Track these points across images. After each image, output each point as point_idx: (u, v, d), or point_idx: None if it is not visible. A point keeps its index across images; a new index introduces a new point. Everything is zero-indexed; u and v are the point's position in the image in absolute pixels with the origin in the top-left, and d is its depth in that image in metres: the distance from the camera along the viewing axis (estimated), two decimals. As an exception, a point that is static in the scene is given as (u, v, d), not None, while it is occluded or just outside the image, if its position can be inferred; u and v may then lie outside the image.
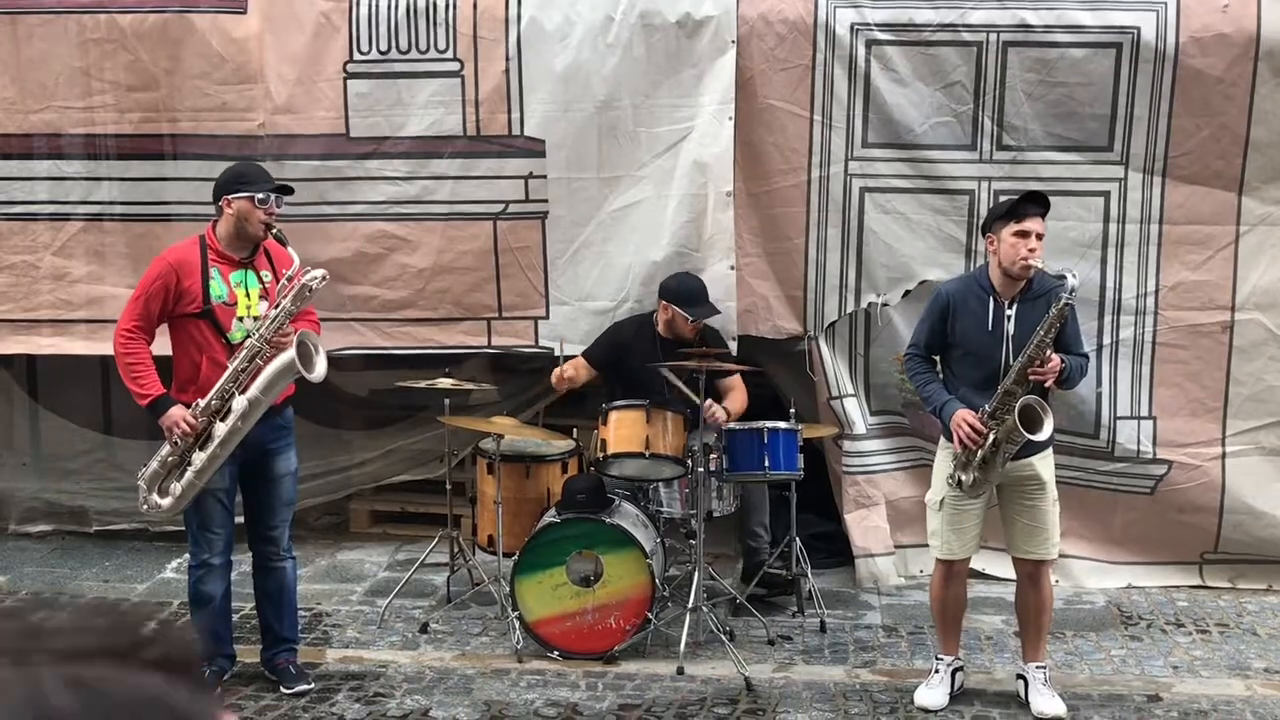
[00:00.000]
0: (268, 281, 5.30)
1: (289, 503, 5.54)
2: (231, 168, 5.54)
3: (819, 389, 6.80)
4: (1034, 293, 5.20)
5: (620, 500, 6.13)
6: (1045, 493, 5.28)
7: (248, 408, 5.12)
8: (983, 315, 5.17)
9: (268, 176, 5.39)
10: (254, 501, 5.51)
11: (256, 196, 5.20)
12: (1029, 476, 5.25)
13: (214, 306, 5.21)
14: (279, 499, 5.48)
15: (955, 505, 5.30)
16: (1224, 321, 6.59)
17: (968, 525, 5.34)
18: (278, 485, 5.46)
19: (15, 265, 6.92)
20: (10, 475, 7.65)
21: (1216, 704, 5.44)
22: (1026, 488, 5.27)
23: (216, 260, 5.26)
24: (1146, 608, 6.56)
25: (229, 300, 5.24)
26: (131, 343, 5.22)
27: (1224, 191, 6.51)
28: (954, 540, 5.34)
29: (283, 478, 5.47)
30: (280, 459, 5.44)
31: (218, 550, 5.42)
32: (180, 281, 5.21)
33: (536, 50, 6.59)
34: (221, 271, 5.25)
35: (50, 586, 6.81)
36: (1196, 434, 6.65)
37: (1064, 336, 5.17)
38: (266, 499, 5.48)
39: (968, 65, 6.49)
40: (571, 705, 5.44)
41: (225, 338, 5.21)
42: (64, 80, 6.74)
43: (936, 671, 5.47)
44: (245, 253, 5.28)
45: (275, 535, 5.51)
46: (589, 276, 6.79)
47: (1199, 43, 6.33)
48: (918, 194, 6.62)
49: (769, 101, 6.57)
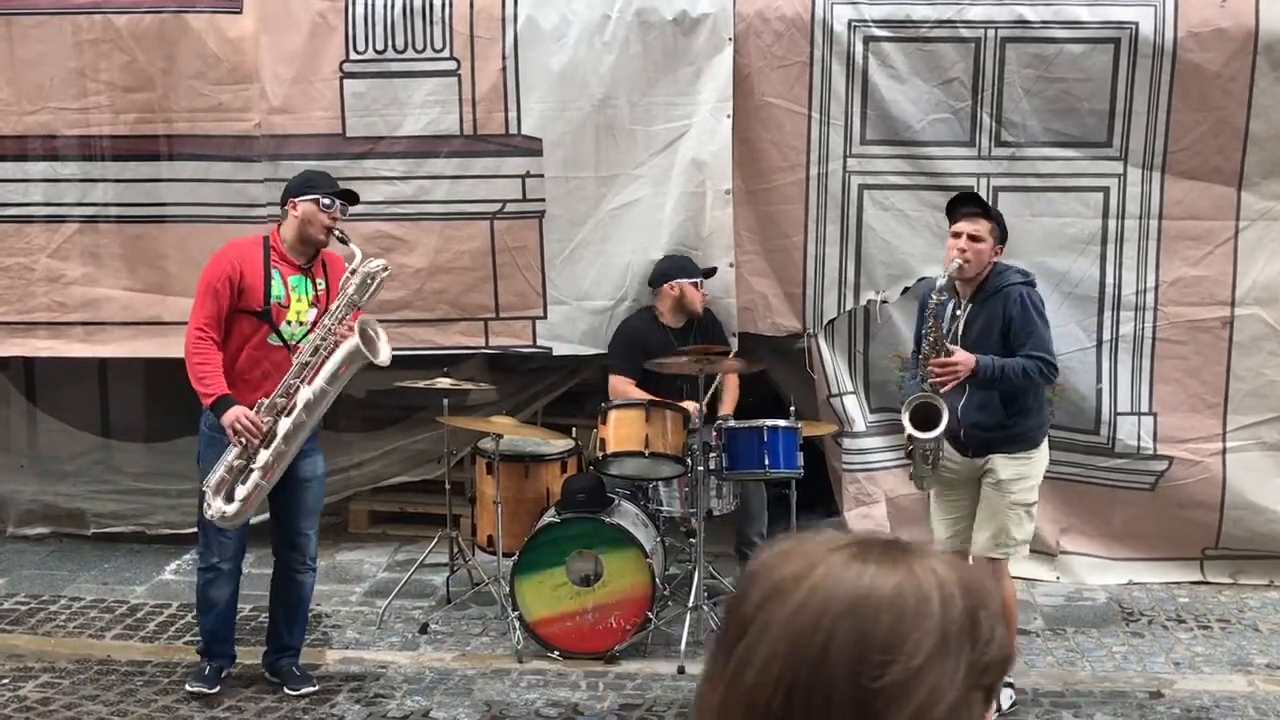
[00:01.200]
0: (320, 290, 5.31)
1: (315, 509, 5.51)
2: (302, 172, 5.58)
3: (818, 386, 6.79)
4: (986, 292, 5.17)
5: (620, 499, 6.11)
6: (1001, 490, 5.19)
7: (313, 399, 5.12)
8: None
9: (335, 183, 5.41)
10: (281, 505, 5.47)
11: (322, 201, 5.23)
12: (986, 473, 5.23)
13: (272, 307, 5.23)
14: (305, 504, 5.45)
15: (938, 496, 5.41)
16: (1224, 317, 6.58)
17: (952, 516, 5.36)
18: (304, 489, 5.43)
19: (10, 268, 6.89)
20: (8, 478, 7.62)
21: (1219, 700, 5.43)
22: (985, 483, 5.24)
23: (279, 262, 5.28)
24: (1148, 604, 6.55)
25: (284, 303, 5.26)
26: (201, 343, 5.22)
27: (1223, 186, 6.50)
28: (941, 529, 5.41)
29: (308, 481, 5.43)
30: (306, 462, 5.40)
31: (228, 555, 5.40)
32: (244, 277, 5.24)
33: (533, 49, 6.57)
34: (282, 273, 5.27)
35: (48, 589, 6.78)
36: (1197, 429, 6.64)
37: (1014, 335, 5.10)
38: (293, 503, 5.44)
39: (966, 61, 6.47)
40: (572, 705, 5.42)
41: (280, 338, 5.23)
42: (59, 81, 6.72)
43: None
44: (306, 258, 5.29)
45: (302, 542, 5.48)
46: (587, 276, 6.78)
47: (1197, 37, 6.32)
48: (916, 191, 6.60)
49: (766, 99, 6.56)
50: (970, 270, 5.10)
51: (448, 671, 5.76)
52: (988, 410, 5.15)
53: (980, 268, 5.14)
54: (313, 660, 5.81)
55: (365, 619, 6.38)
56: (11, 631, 6.25)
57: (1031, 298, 5.15)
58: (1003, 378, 5.05)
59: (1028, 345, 5.09)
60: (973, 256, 5.09)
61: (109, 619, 6.41)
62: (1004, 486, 5.19)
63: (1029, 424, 5.23)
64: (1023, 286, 5.16)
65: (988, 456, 5.20)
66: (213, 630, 5.50)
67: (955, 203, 5.31)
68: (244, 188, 6.59)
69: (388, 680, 5.67)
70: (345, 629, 6.27)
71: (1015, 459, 5.20)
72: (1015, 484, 5.19)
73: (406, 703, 5.45)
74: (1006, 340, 5.11)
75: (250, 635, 6.05)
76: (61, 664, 5.83)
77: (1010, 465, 5.19)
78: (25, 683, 5.63)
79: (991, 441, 5.17)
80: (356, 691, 5.55)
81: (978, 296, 5.18)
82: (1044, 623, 6.31)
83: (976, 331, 5.13)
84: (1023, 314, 5.10)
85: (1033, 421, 5.25)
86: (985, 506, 5.23)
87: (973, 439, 5.17)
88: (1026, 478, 5.22)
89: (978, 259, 5.11)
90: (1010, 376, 5.05)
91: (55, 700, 5.45)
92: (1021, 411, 5.19)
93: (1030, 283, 5.22)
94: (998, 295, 5.14)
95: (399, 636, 6.17)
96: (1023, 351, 5.08)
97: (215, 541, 5.39)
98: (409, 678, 5.70)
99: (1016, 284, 5.15)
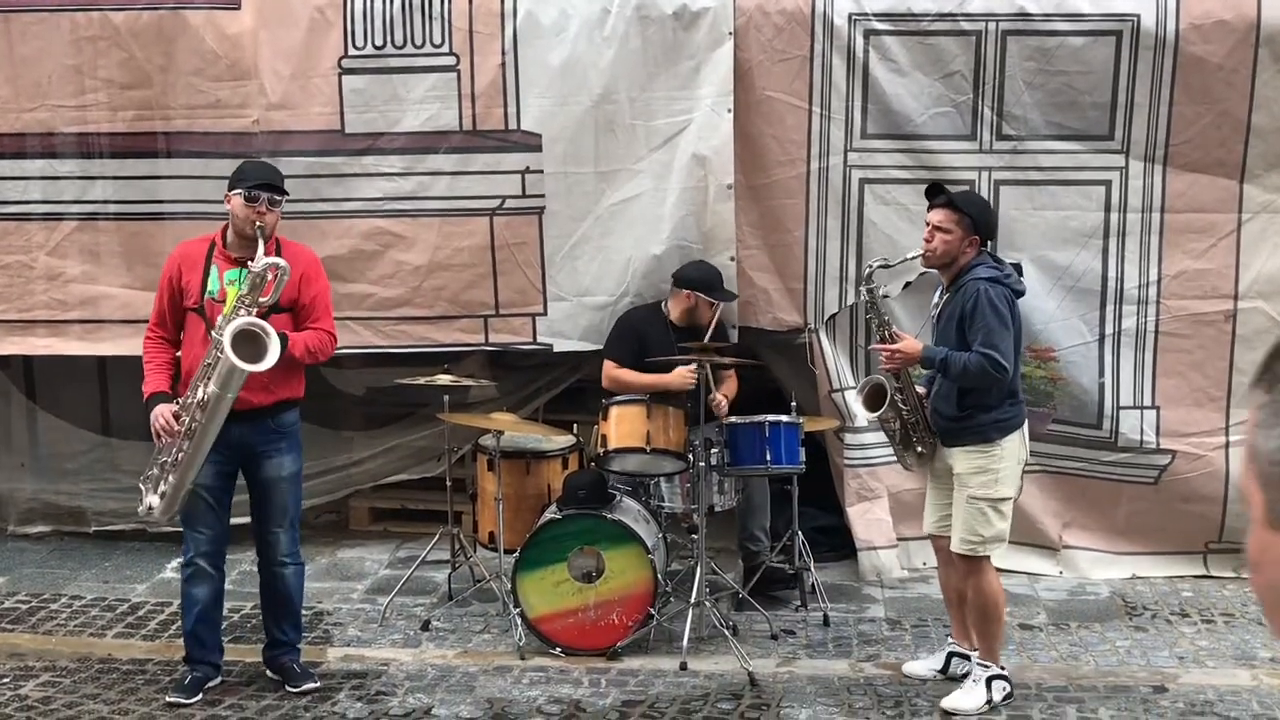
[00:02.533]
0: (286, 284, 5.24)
1: (283, 508, 5.43)
2: (239, 163, 5.54)
3: (820, 381, 6.77)
4: (955, 285, 5.23)
5: (621, 495, 6.10)
6: (960, 486, 5.24)
7: (211, 401, 5.08)
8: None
9: (269, 174, 5.33)
10: (253, 506, 5.48)
11: (247, 194, 5.19)
12: (949, 465, 5.32)
13: (206, 302, 5.19)
14: (272, 503, 5.41)
15: (929, 481, 5.52)
16: (1227, 310, 6.56)
17: (940, 502, 5.44)
18: (271, 489, 5.39)
19: (9, 265, 6.88)
20: (8, 476, 7.62)
21: (1223, 694, 5.41)
22: (952, 477, 5.32)
23: (219, 257, 5.27)
24: (1151, 598, 6.53)
25: (219, 297, 5.23)
26: (148, 342, 5.36)
27: (1225, 179, 6.48)
28: (929, 513, 5.54)
29: (275, 482, 5.38)
30: (270, 463, 5.36)
31: (203, 551, 5.37)
32: (182, 275, 5.28)
33: (532, 44, 6.55)
34: (219, 268, 5.24)
35: (49, 588, 6.76)
36: (1200, 423, 6.62)
37: (968, 330, 5.11)
38: (259, 501, 5.44)
39: (967, 55, 6.45)
40: (574, 702, 5.41)
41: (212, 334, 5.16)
42: (57, 78, 6.70)
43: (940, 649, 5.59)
44: (245, 251, 5.22)
45: (271, 539, 5.45)
46: (587, 272, 6.75)
47: (1199, 29, 6.30)
48: (918, 185, 6.54)
49: (767, 93, 6.53)
50: (935, 260, 5.22)
51: (450, 669, 5.75)
52: (948, 401, 5.26)
53: (947, 257, 5.20)
54: (314, 658, 5.80)
55: (367, 616, 6.36)
56: (12, 630, 6.24)
57: (989, 294, 5.11)
58: (944, 367, 5.15)
59: (977, 341, 5.10)
60: (938, 245, 5.19)
61: (110, 617, 6.40)
62: (961, 480, 5.24)
63: (984, 419, 5.20)
64: (984, 283, 5.13)
65: (950, 449, 5.30)
66: (193, 633, 5.45)
67: (927, 192, 5.42)
68: (243, 185, 6.55)
69: (389, 678, 5.65)
70: (347, 626, 6.25)
71: (969, 453, 5.23)
72: (971, 478, 5.20)
73: (408, 700, 5.43)
74: (963, 334, 5.14)
75: (252, 633, 6.04)
76: (62, 663, 5.82)
77: (964, 459, 5.23)
78: (26, 681, 5.62)
79: (949, 431, 5.29)
80: (358, 689, 5.54)
81: (951, 287, 5.26)
82: (1047, 617, 6.29)
83: (943, 320, 5.27)
84: (975, 310, 5.11)
85: (989, 417, 5.20)
86: (955, 502, 5.31)
87: (938, 426, 5.33)
88: (984, 471, 5.18)
89: (944, 248, 5.19)
90: (950, 366, 5.13)
91: (56, 699, 5.44)
92: (976, 406, 5.19)
93: (996, 280, 5.16)
94: (963, 289, 5.18)
95: (401, 634, 6.15)
96: (974, 347, 5.09)
97: (190, 538, 5.39)
98: (411, 675, 5.68)
99: (979, 279, 5.15)
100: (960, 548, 5.25)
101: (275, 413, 5.34)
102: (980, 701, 5.22)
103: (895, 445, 5.49)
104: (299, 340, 5.24)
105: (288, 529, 5.47)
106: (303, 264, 5.34)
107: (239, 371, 5.00)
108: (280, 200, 5.29)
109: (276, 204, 5.26)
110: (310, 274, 5.36)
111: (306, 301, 5.33)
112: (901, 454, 5.48)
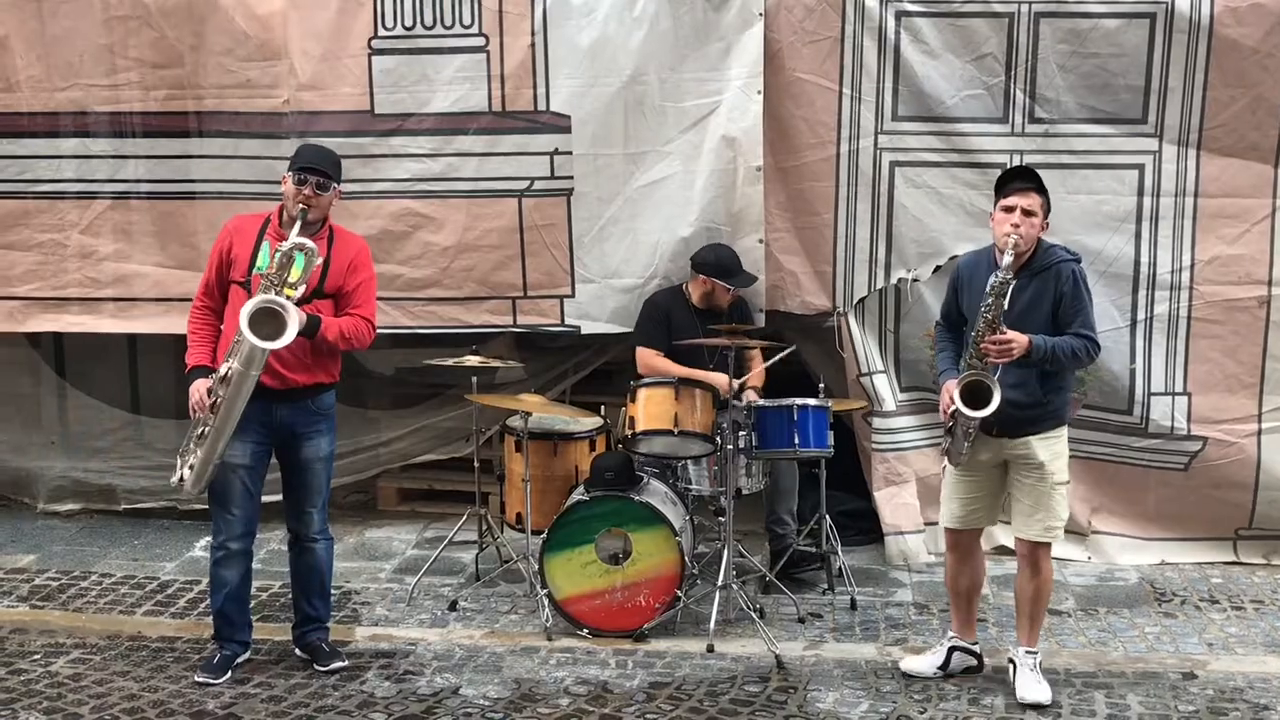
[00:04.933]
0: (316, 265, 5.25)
1: (318, 489, 5.49)
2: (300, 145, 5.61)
3: (848, 365, 6.75)
4: (1034, 268, 5.11)
5: (649, 478, 6.10)
6: (1042, 474, 5.14)
7: (234, 378, 5.10)
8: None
9: (320, 159, 5.32)
10: (286, 483, 5.51)
11: (295, 175, 5.22)
12: (1022, 456, 5.16)
13: (252, 277, 5.21)
14: (308, 484, 5.45)
15: (956, 473, 5.33)
16: (1261, 296, 6.50)
17: (969, 496, 5.30)
18: (306, 471, 5.43)
19: (43, 244, 6.93)
20: (38, 454, 7.68)
21: (1252, 681, 5.38)
22: (1022, 467, 5.18)
23: (271, 234, 5.29)
24: (1180, 584, 6.50)
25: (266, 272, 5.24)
26: (194, 312, 5.41)
27: (1260, 164, 6.42)
28: (955, 507, 5.35)
29: (311, 463, 5.42)
30: (308, 444, 5.40)
31: (236, 534, 5.40)
32: (233, 248, 5.31)
33: (562, 25, 6.54)
34: (270, 245, 5.26)
35: (79, 565, 6.81)
36: (1232, 410, 6.57)
37: (1063, 312, 5.07)
38: (295, 482, 5.47)
39: (999, 37, 6.41)
40: (601, 683, 5.42)
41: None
42: (89, 58, 6.73)
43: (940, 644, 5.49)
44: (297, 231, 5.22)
45: (305, 519, 5.50)
46: (616, 254, 6.75)
47: (1234, 12, 6.24)
48: (948, 168, 6.54)
49: (797, 74, 6.51)
50: (1023, 246, 5.04)
51: (477, 649, 5.77)
52: (1024, 388, 5.08)
53: (1031, 242, 5.08)
54: (342, 637, 5.83)
55: (395, 596, 6.39)
56: (43, 607, 6.29)
57: (1083, 276, 5.12)
58: (1053, 356, 5.01)
59: (1076, 323, 5.06)
60: (1026, 230, 5.03)
61: (139, 595, 6.44)
62: (1045, 470, 5.14)
63: (1060, 401, 5.20)
64: (1074, 264, 5.10)
65: (1019, 439, 5.14)
66: (222, 612, 5.50)
67: (1008, 176, 5.24)
68: (272, 164, 6.56)
69: (417, 657, 5.68)
70: (375, 606, 6.28)
71: (1048, 439, 5.16)
72: (1054, 464, 5.16)
73: (436, 679, 5.46)
74: (1055, 317, 5.06)
75: (281, 611, 6.08)
76: (92, 640, 5.86)
77: (1046, 446, 5.15)
78: (56, 658, 5.67)
79: (1024, 420, 5.11)
80: (386, 668, 5.56)
81: (1023, 272, 5.09)
82: (1075, 603, 6.27)
83: (1021, 307, 5.06)
84: (1074, 291, 5.06)
85: (1063, 398, 5.22)
86: (1028, 492, 5.17)
87: (1006, 418, 5.07)
88: (1061, 455, 5.20)
89: (1032, 233, 5.06)
90: (1060, 355, 5.03)
91: (86, 676, 5.48)
92: (1056, 389, 5.16)
93: (1079, 260, 5.18)
94: (1049, 271, 5.08)
95: (428, 614, 6.18)
96: (1071, 329, 5.05)
97: (221, 519, 5.41)
98: (438, 655, 5.70)
99: (1068, 260, 5.10)
100: (1043, 535, 5.17)
101: (315, 393, 5.38)
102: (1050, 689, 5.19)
103: (961, 443, 5.21)
104: (333, 325, 5.25)
105: (320, 508, 5.53)
106: (352, 251, 5.38)
107: (260, 349, 5.02)
108: (329, 185, 5.27)
109: (325, 189, 5.26)
110: (358, 262, 5.38)
111: (350, 289, 5.34)
112: (959, 446, 5.22)
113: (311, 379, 5.33)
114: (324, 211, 5.32)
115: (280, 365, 5.21)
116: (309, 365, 5.29)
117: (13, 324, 7.06)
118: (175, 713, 5.14)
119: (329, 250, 5.31)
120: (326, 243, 5.32)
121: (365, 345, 5.44)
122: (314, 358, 5.29)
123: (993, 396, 4.95)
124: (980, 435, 5.18)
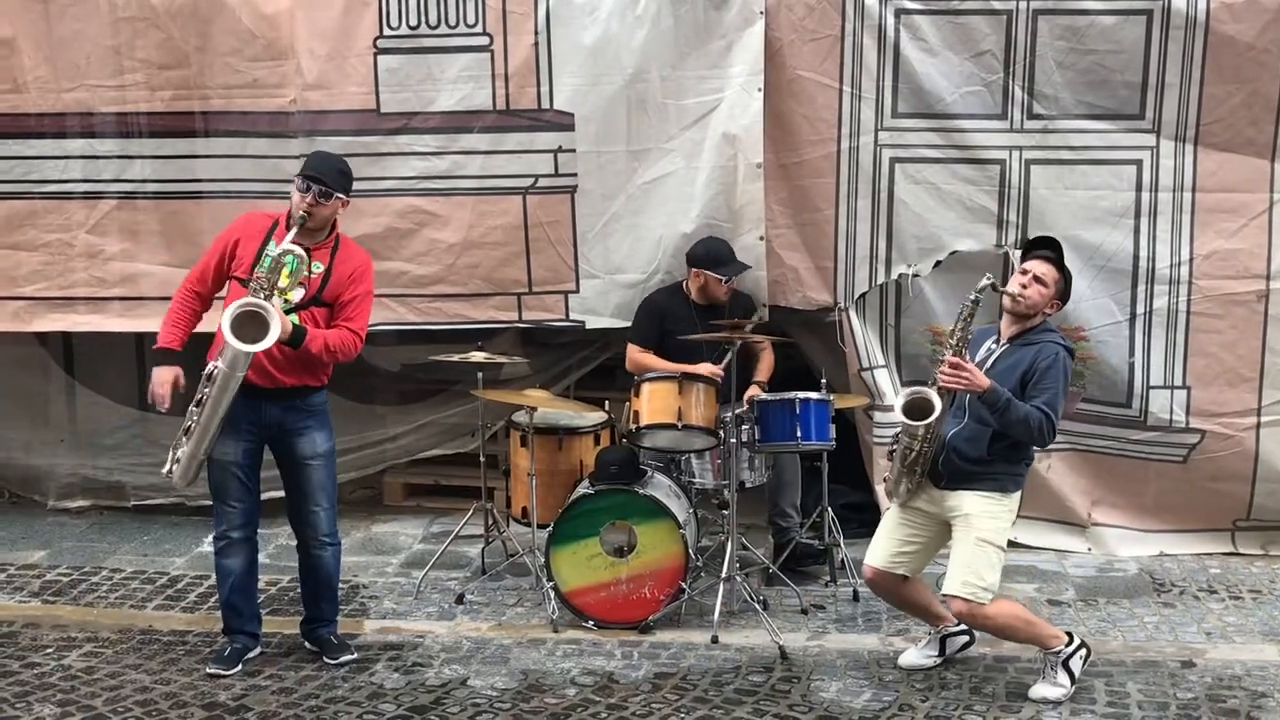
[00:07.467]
0: (316, 273, 5.29)
1: (321, 486, 5.49)
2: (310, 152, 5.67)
3: (849, 360, 6.81)
4: (1025, 339, 5.12)
5: (653, 471, 6.16)
6: (968, 524, 5.08)
7: (219, 377, 5.14)
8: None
9: (324, 168, 5.33)
10: (286, 484, 5.54)
11: (300, 182, 5.26)
12: (953, 507, 5.15)
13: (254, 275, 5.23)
14: (308, 482, 5.47)
15: (896, 514, 5.36)
16: (1259, 290, 6.56)
17: (901, 538, 5.30)
18: (304, 469, 5.45)
19: (50, 244, 6.97)
20: (48, 451, 7.73)
21: (1250, 669, 5.44)
22: (955, 520, 5.16)
23: (279, 236, 5.28)
24: (1179, 575, 6.56)
25: None
26: (180, 292, 5.44)
27: (1256, 159, 6.48)
28: (882, 544, 5.36)
29: (308, 461, 5.44)
30: (302, 441, 5.42)
31: (236, 524, 5.46)
32: (240, 244, 5.33)
33: (565, 24, 6.60)
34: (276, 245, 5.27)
35: (90, 561, 6.88)
36: (1231, 403, 6.62)
37: (1033, 384, 5.00)
38: (294, 482, 5.50)
39: (997, 34, 6.46)
40: (608, 674, 5.48)
41: None
42: (96, 59, 6.78)
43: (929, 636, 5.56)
44: (301, 235, 5.24)
45: (313, 519, 5.51)
46: (619, 250, 6.81)
47: (1230, 8, 6.30)
48: (948, 164, 6.60)
49: (798, 72, 6.56)
50: (1022, 306, 5.06)
51: (484, 641, 5.83)
52: (974, 443, 5.07)
53: (1033, 309, 5.09)
54: (351, 630, 5.89)
55: (402, 590, 6.45)
56: (55, 602, 6.36)
57: (1066, 361, 5.06)
58: (1006, 410, 4.93)
59: (1040, 399, 4.98)
60: (1034, 296, 5.06)
61: (150, 590, 6.51)
62: (971, 521, 5.08)
63: (1005, 470, 5.13)
64: (1062, 349, 5.06)
65: (955, 490, 5.13)
66: (229, 603, 5.55)
67: (1032, 244, 5.32)
68: (279, 164, 6.62)
69: (425, 650, 5.74)
70: (382, 599, 6.34)
71: (984, 497, 5.11)
72: (982, 519, 5.08)
73: (444, 671, 5.52)
74: (1023, 387, 5.02)
75: (290, 605, 6.14)
76: (104, 634, 5.93)
77: (978, 501, 5.10)
78: (69, 652, 5.73)
79: (964, 474, 5.09)
80: (395, 660, 5.63)
81: (1016, 341, 5.12)
82: (1075, 594, 6.34)
83: (998, 371, 5.06)
84: (1050, 369, 5.01)
85: (1011, 469, 5.14)
86: (957, 546, 5.14)
87: (949, 467, 5.10)
88: (996, 518, 5.11)
89: (1037, 300, 5.08)
90: (1014, 414, 4.94)
91: (99, 669, 5.55)
92: (1003, 456, 5.09)
93: (1071, 350, 5.14)
94: (1035, 345, 5.08)
95: (435, 607, 6.24)
96: (1034, 403, 4.98)
97: (222, 511, 5.46)
98: (446, 647, 5.77)
99: (1057, 343, 5.09)
100: (962, 590, 5.05)
101: (303, 394, 5.39)
102: (1067, 687, 5.18)
103: (900, 468, 5.18)
104: (319, 337, 5.25)
105: (327, 508, 5.53)
106: (355, 263, 5.39)
107: (241, 352, 5.05)
108: (330, 195, 5.27)
109: (325, 198, 5.26)
110: (358, 275, 5.39)
111: (347, 299, 5.35)
112: (899, 479, 5.23)
113: (299, 381, 5.35)
114: (325, 221, 5.33)
115: (270, 365, 5.24)
116: (298, 369, 5.33)
117: (19, 324, 7.10)
118: (188, 704, 5.21)
119: (332, 259, 5.34)
120: (330, 252, 5.35)
121: (351, 358, 5.42)
122: (302, 363, 5.32)
123: (933, 410, 4.95)
124: (926, 482, 5.18)
